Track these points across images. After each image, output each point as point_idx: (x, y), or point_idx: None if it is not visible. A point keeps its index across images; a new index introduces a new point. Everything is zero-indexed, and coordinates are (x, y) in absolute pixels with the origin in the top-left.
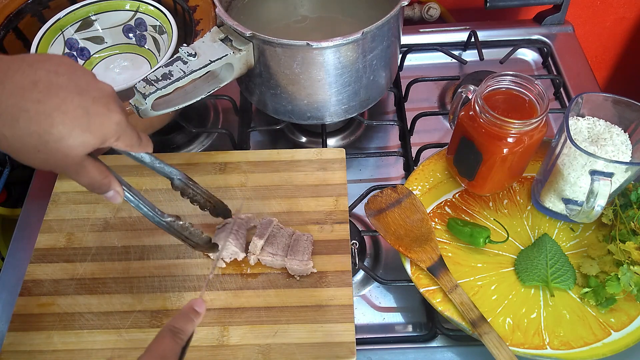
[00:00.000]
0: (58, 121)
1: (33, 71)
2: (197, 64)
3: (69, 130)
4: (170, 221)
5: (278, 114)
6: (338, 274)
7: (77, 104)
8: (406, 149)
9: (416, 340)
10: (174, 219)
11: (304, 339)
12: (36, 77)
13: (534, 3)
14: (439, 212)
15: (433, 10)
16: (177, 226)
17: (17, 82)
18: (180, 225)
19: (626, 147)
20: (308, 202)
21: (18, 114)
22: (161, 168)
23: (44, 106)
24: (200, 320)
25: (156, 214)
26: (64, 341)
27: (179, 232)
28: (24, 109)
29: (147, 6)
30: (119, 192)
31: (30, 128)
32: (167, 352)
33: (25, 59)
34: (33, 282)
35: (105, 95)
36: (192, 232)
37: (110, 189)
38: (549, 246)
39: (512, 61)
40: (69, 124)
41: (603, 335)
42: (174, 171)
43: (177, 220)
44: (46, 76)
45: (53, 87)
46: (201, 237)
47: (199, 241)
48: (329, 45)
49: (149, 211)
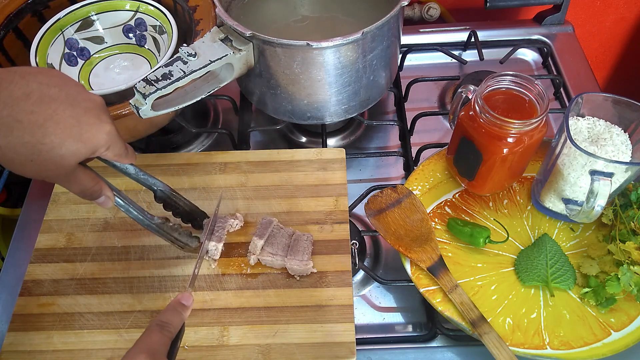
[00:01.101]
0: (51, 131)
1: (25, 83)
2: (197, 64)
3: (61, 140)
4: (160, 223)
5: (278, 114)
6: (338, 274)
7: (69, 114)
8: (406, 149)
9: (416, 340)
10: (163, 221)
11: (303, 339)
12: (29, 88)
13: (534, 3)
14: (439, 212)
15: (433, 10)
16: (166, 228)
17: (10, 94)
18: (170, 226)
19: (626, 147)
20: (308, 202)
21: (12, 124)
22: (145, 179)
23: (36, 117)
24: (188, 313)
25: (145, 216)
26: (64, 341)
27: (168, 234)
28: (18, 119)
29: (147, 6)
30: (109, 197)
31: (24, 138)
32: (155, 345)
33: (17, 72)
34: (33, 282)
35: (96, 106)
36: (181, 232)
37: (101, 195)
38: (549, 246)
39: (512, 61)
40: (61, 134)
41: (603, 335)
42: (157, 182)
43: (167, 222)
44: (38, 88)
45: (45, 98)
46: (190, 238)
47: (188, 242)
48: (329, 46)
49: (138, 214)
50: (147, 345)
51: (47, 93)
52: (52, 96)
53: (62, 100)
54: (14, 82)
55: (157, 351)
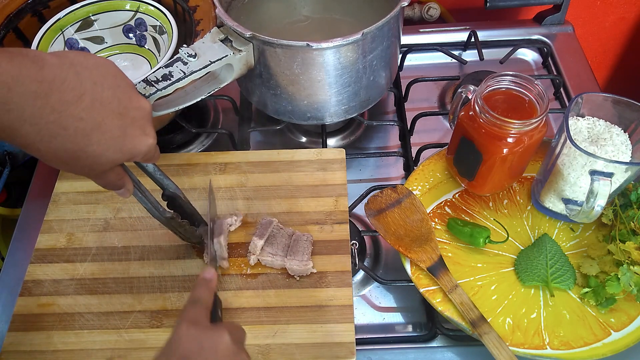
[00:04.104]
0: (95, 141)
1: (79, 83)
2: (197, 64)
3: (103, 150)
4: (169, 217)
5: (278, 114)
6: (338, 274)
7: (116, 124)
8: (406, 149)
9: (416, 340)
10: (173, 216)
11: (303, 339)
12: (82, 89)
13: (534, 3)
14: (439, 212)
15: (433, 10)
16: (174, 223)
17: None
18: (179, 222)
19: (626, 147)
20: (308, 202)
21: (57, 131)
22: (160, 179)
23: (84, 124)
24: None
25: (159, 210)
26: (64, 341)
27: (176, 228)
28: (64, 126)
29: (147, 6)
30: (129, 189)
31: (65, 145)
32: (197, 315)
33: (72, 65)
34: (33, 282)
35: (144, 115)
36: (187, 229)
37: (122, 187)
38: (549, 246)
39: (512, 61)
40: (104, 144)
41: (603, 335)
42: (170, 184)
43: (176, 217)
44: (92, 89)
45: (96, 103)
46: (194, 234)
47: (192, 237)
48: (329, 46)
49: (152, 207)
50: (189, 317)
51: (99, 97)
52: (104, 101)
53: (114, 108)
54: (67, 81)
55: (197, 320)
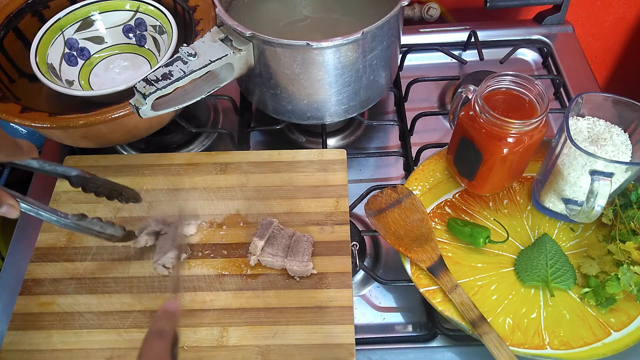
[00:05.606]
0: None
1: None
2: (197, 64)
3: None
4: (76, 220)
5: (278, 114)
6: (338, 276)
7: None
8: (406, 149)
9: (416, 340)
10: (80, 217)
11: (303, 340)
12: None
13: (534, 3)
14: (439, 212)
15: (433, 10)
16: (85, 223)
17: None
18: (88, 221)
19: (626, 147)
20: (308, 203)
21: None
22: (53, 169)
23: None
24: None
25: (59, 217)
26: (64, 340)
27: (89, 229)
28: None
29: (147, 6)
30: (13, 205)
31: None
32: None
33: None
34: (33, 281)
35: None
36: (103, 226)
37: (2, 205)
38: (549, 246)
39: (512, 61)
40: None
41: (603, 335)
42: (67, 169)
43: (84, 217)
44: None
45: None
46: (115, 229)
47: (114, 233)
48: (329, 45)
49: (51, 216)
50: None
51: None
52: None
53: None
54: None
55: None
